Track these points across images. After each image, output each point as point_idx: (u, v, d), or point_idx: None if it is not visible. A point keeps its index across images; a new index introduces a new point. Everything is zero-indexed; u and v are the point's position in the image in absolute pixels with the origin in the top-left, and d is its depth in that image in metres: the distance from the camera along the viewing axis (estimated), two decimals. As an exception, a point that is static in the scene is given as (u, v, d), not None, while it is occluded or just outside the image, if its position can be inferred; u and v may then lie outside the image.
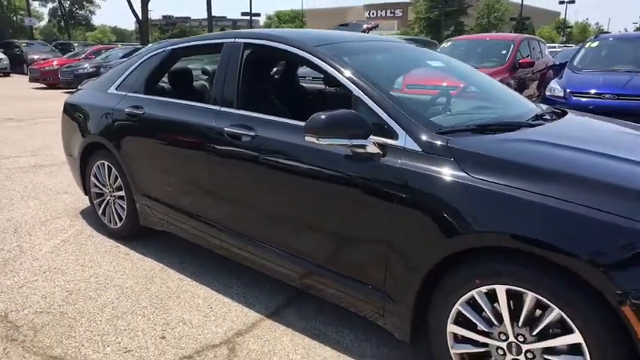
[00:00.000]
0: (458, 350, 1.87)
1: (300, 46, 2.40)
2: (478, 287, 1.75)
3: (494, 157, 1.78)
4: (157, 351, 2.23)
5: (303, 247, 2.32)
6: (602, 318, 1.51)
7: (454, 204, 1.76)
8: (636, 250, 1.45)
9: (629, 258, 1.46)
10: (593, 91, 6.09)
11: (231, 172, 2.53)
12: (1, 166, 5.49)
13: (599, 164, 1.78)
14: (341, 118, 1.93)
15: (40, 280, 2.87)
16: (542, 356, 1.67)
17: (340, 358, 2.20)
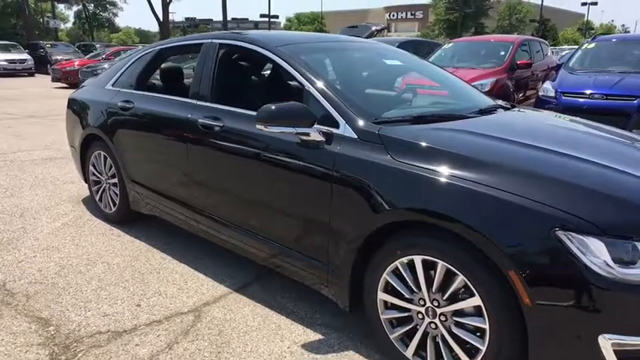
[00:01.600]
0: (387, 316, 2.09)
1: (264, 46, 2.67)
2: (400, 258, 1.98)
3: (415, 143, 2.01)
4: (131, 316, 2.52)
5: (262, 226, 2.57)
6: (497, 283, 1.73)
7: (380, 184, 2.00)
8: (520, 222, 1.67)
9: (515, 229, 1.68)
10: (582, 91, 6.20)
11: (204, 159, 2.81)
12: (16, 158, 5.89)
13: (506, 150, 2.00)
14: (287, 109, 2.18)
15: (38, 257, 3.19)
16: (452, 318, 1.90)
17: (292, 326, 2.45)
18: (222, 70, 2.87)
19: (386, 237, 2.03)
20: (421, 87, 3.32)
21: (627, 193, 1.73)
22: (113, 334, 2.35)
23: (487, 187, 1.76)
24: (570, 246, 1.59)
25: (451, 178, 1.83)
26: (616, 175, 1.86)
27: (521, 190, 1.71)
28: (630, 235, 1.60)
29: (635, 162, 2.05)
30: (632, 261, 1.58)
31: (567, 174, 1.80)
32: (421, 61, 3.44)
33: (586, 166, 1.89)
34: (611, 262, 1.56)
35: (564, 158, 1.94)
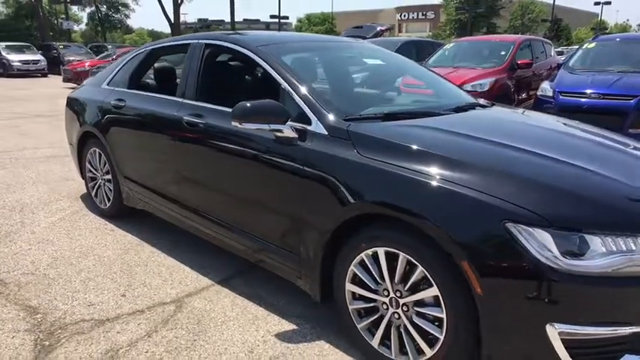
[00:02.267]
0: (354, 306, 2.17)
1: (245, 46, 2.75)
2: (365, 250, 2.05)
3: (380, 139, 2.08)
4: (115, 305, 2.62)
5: (242, 220, 2.66)
6: (452, 274, 1.79)
7: (347, 178, 2.07)
8: (473, 214, 1.73)
9: (468, 222, 1.74)
10: (580, 90, 6.20)
11: (188, 156, 2.90)
12: (21, 156, 6.06)
13: (465, 145, 2.06)
14: (261, 107, 2.27)
15: (33, 249, 3.32)
16: (413, 309, 1.96)
17: (269, 317, 2.53)
18: (207, 70, 2.97)
19: (353, 230, 2.10)
20: (418, 87, 3.39)
21: (578, 187, 1.79)
22: (96, 322, 2.45)
23: (443, 180, 1.82)
24: (519, 238, 1.65)
25: (409, 172, 1.90)
26: (571, 169, 1.91)
27: (475, 184, 1.78)
28: (579, 228, 1.65)
29: (594, 158, 2.10)
30: (580, 253, 1.64)
31: (521, 168, 1.86)
32: (404, 61, 3.50)
33: (541, 161, 1.95)
34: (558, 254, 1.62)
35: (521, 154, 2.00)
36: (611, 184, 1.86)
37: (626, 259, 1.64)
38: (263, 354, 2.22)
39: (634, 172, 2.02)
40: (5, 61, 20.53)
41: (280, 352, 2.23)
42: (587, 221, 1.68)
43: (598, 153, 2.21)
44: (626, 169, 2.05)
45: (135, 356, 2.19)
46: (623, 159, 2.18)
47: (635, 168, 2.09)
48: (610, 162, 2.09)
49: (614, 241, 1.66)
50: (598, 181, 1.86)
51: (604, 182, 1.86)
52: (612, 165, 2.04)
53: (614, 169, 1.97)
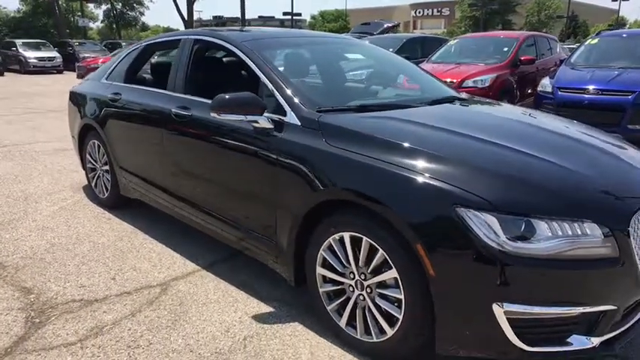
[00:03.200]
0: (324, 289, 2.27)
1: (230, 42, 2.87)
2: (333, 235, 2.15)
3: (346, 129, 2.18)
4: (104, 287, 2.76)
5: (225, 208, 2.78)
6: (409, 257, 1.88)
7: (316, 166, 2.18)
8: (426, 199, 1.83)
9: (422, 206, 1.83)
10: (579, 86, 6.20)
11: (176, 146, 3.03)
12: (30, 149, 6.28)
13: (426, 134, 2.15)
14: (238, 99, 2.38)
15: (33, 235, 3.49)
16: (376, 290, 2.06)
17: (248, 300, 2.65)
18: (195, 64, 3.09)
19: (322, 216, 2.20)
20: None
21: (527, 175, 1.87)
22: (85, 303, 2.60)
23: (400, 167, 1.92)
24: (468, 221, 1.74)
25: (370, 160, 2.00)
26: (523, 158, 1.99)
27: (430, 171, 1.87)
28: (526, 213, 1.74)
29: (551, 148, 2.17)
30: (527, 236, 1.72)
31: (474, 157, 1.95)
32: (387, 56, 3.57)
33: (495, 150, 2.03)
34: (504, 237, 1.70)
35: (478, 143, 2.08)
36: (561, 172, 1.93)
37: (570, 243, 1.73)
38: (238, 333, 2.34)
39: (589, 162, 2.09)
40: (22, 58, 20.99)
41: (255, 332, 2.35)
42: (533, 207, 1.76)
43: (557, 144, 2.27)
44: (581, 158, 2.12)
45: (118, 333, 2.33)
46: (581, 150, 2.24)
47: (592, 158, 2.16)
48: (566, 152, 2.16)
49: (560, 225, 1.74)
50: (548, 169, 1.94)
51: (554, 170, 1.93)
52: (567, 155, 2.11)
53: (568, 158, 2.05)
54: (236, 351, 2.21)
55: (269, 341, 2.28)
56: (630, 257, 1.79)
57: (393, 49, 9.52)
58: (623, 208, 1.84)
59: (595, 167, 2.04)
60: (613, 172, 2.07)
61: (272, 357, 2.16)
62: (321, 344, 2.25)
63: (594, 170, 2.01)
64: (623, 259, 1.77)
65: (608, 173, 2.04)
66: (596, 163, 2.10)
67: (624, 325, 1.89)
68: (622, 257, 1.77)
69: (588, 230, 1.75)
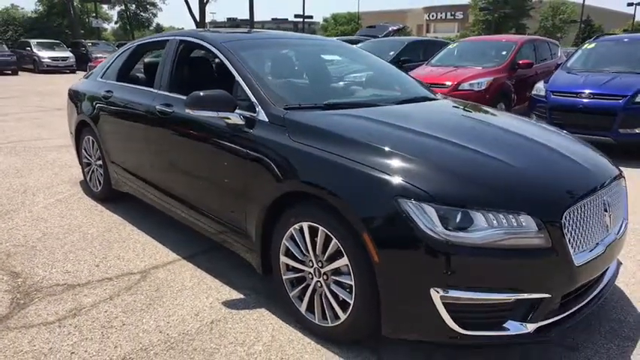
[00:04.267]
0: (287, 276, 2.40)
1: (211, 42, 3.02)
2: (293, 225, 2.28)
3: (307, 125, 2.32)
4: (88, 273, 2.93)
5: (202, 200, 2.93)
6: (358, 245, 2.00)
7: (280, 160, 2.31)
8: (372, 191, 1.95)
9: (368, 197, 1.96)
10: (571, 90, 6.27)
11: (160, 141, 3.19)
12: (34, 145, 6.51)
13: (380, 131, 2.27)
14: (211, 96, 2.52)
15: (27, 225, 3.67)
16: (331, 277, 2.19)
17: (222, 287, 2.79)
18: (180, 64, 3.25)
19: (285, 207, 2.34)
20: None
21: (468, 169, 1.99)
22: (68, 287, 2.76)
23: (350, 161, 2.05)
24: (408, 211, 1.86)
25: (326, 153, 2.13)
26: (467, 153, 2.11)
27: (377, 164, 2.00)
28: (463, 204, 1.85)
29: (497, 144, 2.28)
30: (463, 226, 1.84)
31: (421, 151, 2.07)
32: (365, 57, 3.69)
33: (442, 146, 2.15)
34: (440, 226, 1.82)
35: (428, 139, 2.21)
36: (501, 166, 2.05)
37: (505, 234, 1.84)
38: (207, 317, 2.48)
39: (531, 158, 2.20)
40: (36, 58, 21.47)
41: (222, 316, 2.49)
42: (471, 199, 1.87)
43: (505, 141, 2.38)
44: (524, 155, 2.23)
45: (95, 315, 2.49)
46: (528, 147, 2.34)
47: (536, 155, 2.26)
48: (512, 149, 2.26)
49: (495, 217, 1.85)
50: (488, 164, 2.05)
51: (494, 165, 2.05)
52: (512, 151, 2.22)
53: (512, 154, 2.16)
54: (202, 332, 2.35)
55: (234, 325, 2.41)
56: (563, 248, 1.89)
57: (394, 52, 9.67)
58: (558, 201, 1.94)
59: (536, 163, 2.15)
60: (554, 167, 2.17)
61: (235, 338, 2.30)
62: (283, 328, 2.39)
63: (535, 166, 2.12)
64: (557, 250, 1.88)
65: (549, 169, 2.14)
66: (539, 159, 2.21)
67: (561, 313, 2.00)
68: (555, 248, 1.87)
69: (523, 222, 1.86)
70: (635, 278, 2.95)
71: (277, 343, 2.27)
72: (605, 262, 2.18)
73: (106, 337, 2.30)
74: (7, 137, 7.02)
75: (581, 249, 1.99)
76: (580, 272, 1.97)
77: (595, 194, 2.09)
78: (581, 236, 1.99)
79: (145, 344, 2.25)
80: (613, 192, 2.26)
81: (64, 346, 2.23)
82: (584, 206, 2.02)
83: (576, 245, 1.96)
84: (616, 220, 2.26)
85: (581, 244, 1.99)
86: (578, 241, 1.97)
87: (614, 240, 2.19)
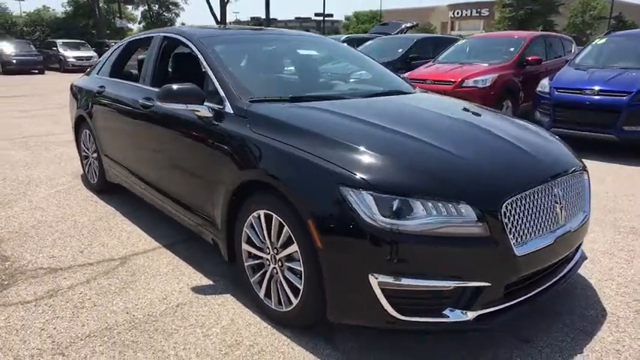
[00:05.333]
0: (248, 263, 2.49)
1: (189, 38, 3.13)
2: (252, 213, 2.36)
3: (267, 117, 2.40)
4: (71, 258, 3.08)
5: (176, 190, 3.04)
6: (305, 232, 2.07)
7: (241, 150, 2.40)
8: (317, 179, 2.02)
9: (313, 185, 2.03)
10: (575, 87, 6.17)
11: (143, 133, 3.32)
12: (46, 140, 6.78)
13: (336, 122, 2.34)
14: (180, 89, 2.62)
15: (24, 214, 3.86)
16: (285, 264, 2.26)
17: (194, 274, 2.90)
18: (162, 59, 3.38)
19: (246, 196, 2.42)
20: (423, 81, 3.55)
21: (411, 158, 2.05)
22: (50, 270, 2.92)
23: (300, 150, 2.12)
24: (349, 199, 1.92)
25: (279, 143, 2.21)
26: (415, 144, 2.15)
27: (325, 154, 2.06)
28: (402, 192, 1.90)
29: (449, 136, 2.32)
30: (402, 214, 1.88)
31: (367, 141, 2.12)
32: (344, 51, 3.74)
33: (390, 136, 2.20)
34: (378, 214, 1.87)
35: (378, 129, 2.26)
36: (445, 156, 2.08)
37: (444, 222, 1.88)
38: (174, 301, 2.59)
39: (479, 149, 2.23)
40: (62, 57, 22.13)
41: (188, 300, 2.59)
42: (410, 187, 1.92)
43: (459, 132, 2.42)
44: (473, 145, 2.26)
45: (70, 296, 2.62)
46: (480, 137, 2.36)
47: (485, 145, 2.29)
48: (463, 140, 2.30)
49: (434, 205, 1.89)
50: (433, 154, 2.09)
51: (437, 155, 2.09)
52: (461, 142, 2.25)
53: (460, 145, 2.19)
54: (166, 314, 2.46)
55: (198, 308, 2.52)
56: (503, 238, 1.92)
57: (402, 50, 9.66)
58: (498, 191, 1.97)
59: (484, 154, 2.18)
60: (501, 158, 2.19)
61: (196, 321, 2.40)
62: (244, 313, 2.48)
63: (482, 156, 2.15)
64: (496, 239, 1.91)
65: (496, 160, 2.16)
66: (489, 150, 2.23)
67: (505, 302, 2.02)
68: (494, 237, 1.90)
69: (463, 211, 1.90)
70: (609, 275, 2.93)
71: (235, 326, 2.36)
72: (556, 255, 2.19)
73: (75, 317, 2.43)
74: (22, 132, 7.32)
75: (525, 239, 2.01)
76: (522, 262, 1.99)
77: (543, 185, 2.10)
78: (526, 227, 2.01)
79: (111, 324, 2.37)
80: (568, 184, 2.27)
81: (36, 323, 2.37)
82: (530, 197, 2.04)
83: (519, 235, 1.98)
84: (571, 213, 2.26)
85: (525, 234, 2.01)
86: (522, 232, 1.99)
87: (566, 232, 2.20)
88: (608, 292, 2.73)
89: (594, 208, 4.14)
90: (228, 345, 2.22)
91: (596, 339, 2.29)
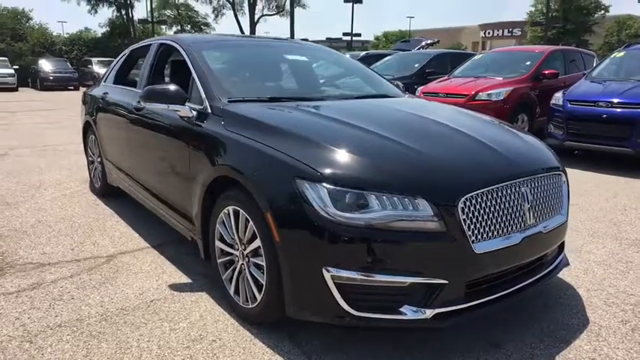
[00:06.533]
0: (220, 260, 2.50)
1: (180, 44, 3.22)
2: (223, 209, 2.39)
3: (239, 115, 2.44)
4: (61, 255, 3.16)
5: (165, 192, 3.10)
6: (267, 227, 2.07)
7: (215, 147, 2.44)
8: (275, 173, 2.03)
9: (272, 179, 2.04)
10: (588, 99, 6.03)
11: (135, 135, 3.41)
12: (64, 149, 7.05)
13: (302, 120, 2.36)
14: (162, 90, 2.70)
15: (28, 214, 4.00)
16: (252, 259, 2.26)
17: (175, 272, 2.93)
18: (158, 64, 3.48)
19: (219, 193, 2.45)
20: (436, 95, 3.52)
21: (370, 153, 2.04)
22: (38, 265, 3.00)
23: (263, 145, 2.14)
24: (305, 192, 1.92)
25: (244, 139, 2.24)
26: (377, 140, 2.15)
27: (284, 148, 2.07)
28: (357, 186, 1.89)
29: (416, 134, 2.31)
30: (354, 207, 1.87)
31: (329, 137, 2.13)
32: (333, 57, 3.78)
33: (353, 132, 2.21)
34: (332, 207, 1.86)
35: (343, 126, 2.26)
36: (405, 152, 2.06)
37: (398, 217, 1.86)
38: (149, 296, 2.62)
39: (442, 146, 2.20)
40: (95, 74, 22.96)
41: (163, 297, 2.62)
42: (365, 181, 1.91)
43: (428, 131, 2.40)
44: (437, 142, 2.24)
45: (51, 289, 2.69)
46: (445, 135, 2.34)
47: (449, 142, 2.27)
48: (427, 137, 2.28)
49: (389, 200, 1.87)
50: (393, 150, 2.08)
51: (399, 150, 2.07)
52: (426, 139, 2.24)
53: (424, 142, 2.17)
54: (139, 309, 2.49)
55: (171, 304, 2.54)
56: (461, 234, 1.88)
57: (418, 65, 9.65)
58: (457, 187, 1.93)
59: (448, 151, 2.14)
60: (465, 155, 2.15)
61: (165, 315, 2.42)
62: (214, 310, 2.48)
63: (444, 153, 2.11)
64: (453, 236, 1.87)
65: (459, 156, 2.12)
66: (453, 147, 2.20)
67: (464, 303, 1.96)
68: (451, 233, 1.86)
69: (420, 205, 1.87)
70: (599, 285, 2.81)
71: (203, 322, 2.37)
72: (525, 256, 2.12)
73: (51, 308, 2.48)
74: (44, 141, 7.62)
75: (487, 237, 1.96)
76: (484, 261, 1.94)
77: (509, 183, 2.05)
78: (487, 224, 1.96)
79: (83, 315, 2.42)
80: (540, 185, 2.20)
81: (13, 312, 2.44)
82: (492, 194, 1.99)
83: (479, 233, 1.93)
84: (542, 214, 2.19)
85: (487, 232, 1.96)
86: (483, 229, 1.95)
87: (537, 233, 2.13)
88: (595, 301, 2.61)
89: (599, 220, 4.01)
90: (191, 339, 2.22)
91: (572, 347, 2.19)
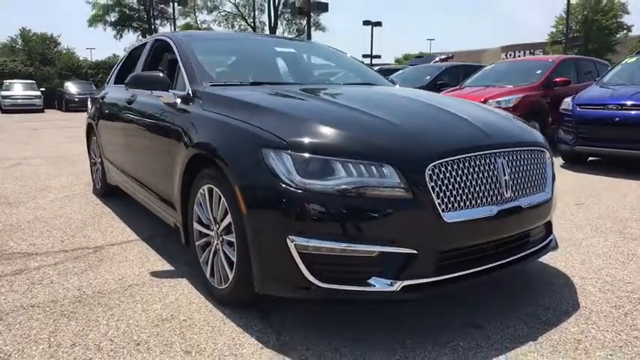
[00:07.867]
0: (198, 242, 2.47)
1: (171, 38, 3.27)
2: (199, 190, 2.36)
3: (216, 95, 2.45)
4: (50, 246, 3.18)
5: (152, 181, 3.10)
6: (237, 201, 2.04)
7: (192, 128, 2.44)
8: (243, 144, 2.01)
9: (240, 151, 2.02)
10: (597, 102, 5.89)
11: (127, 128, 3.45)
12: (77, 159, 7.16)
13: (278, 100, 2.34)
14: (147, 76, 2.74)
15: (27, 212, 4.06)
16: (225, 238, 2.22)
17: (159, 261, 2.91)
18: (152, 59, 3.54)
19: (195, 174, 2.43)
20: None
21: (337, 122, 2.01)
22: (26, 254, 3.02)
23: (233, 119, 2.14)
24: (269, 160, 1.89)
25: (217, 115, 2.24)
26: (347, 112, 2.12)
27: (254, 120, 2.05)
28: (322, 153, 1.85)
29: (387, 107, 2.30)
30: (318, 174, 1.82)
31: (298, 110, 2.13)
32: (324, 52, 3.78)
33: (323, 106, 2.21)
34: (296, 174, 1.82)
35: (319, 102, 2.31)
36: (375, 122, 2.02)
37: (363, 183, 1.80)
38: (128, 282, 2.60)
39: (411, 117, 2.19)
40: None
41: (142, 282, 2.59)
42: (330, 148, 1.87)
43: (404, 107, 2.38)
44: (406, 114, 2.23)
45: (33, 275, 2.69)
46: (424, 110, 2.32)
47: (417, 114, 2.26)
48: (405, 112, 2.27)
49: (355, 167, 1.82)
50: (363, 120, 2.04)
51: (365, 120, 2.03)
52: (404, 113, 2.21)
53: (400, 115, 2.15)
54: (115, 292, 2.46)
55: (148, 289, 2.50)
56: (429, 202, 1.81)
57: (430, 77, 9.63)
58: (424, 154, 1.87)
59: (419, 121, 2.10)
60: (436, 126, 2.10)
61: (141, 298, 2.39)
62: (191, 294, 2.44)
63: (415, 123, 2.07)
64: (421, 203, 1.80)
65: (429, 127, 2.08)
66: (425, 119, 2.15)
67: (434, 276, 1.88)
68: (418, 201, 1.80)
69: (386, 172, 1.81)
70: (597, 274, 2.67)
71: (177, 304, 2.33)
72: (501, 231, 2.03)
73: (29, 291, 2.48)
74: (59, 152, 7.81)
75: (458, 207, 1.88)
76: (455, 232, 1.86)
77: (482, 153, 1.98)
78: (459, 193, 1.89)
79: (59, 297, 2.40)
80: (519, 158, 2.12)
81: (-9, 295, 2.44)
82: (464, 163, 1.92)
83: (449, 202, 1.86)
84: (522, 189, 2.10)
85: (458, 201, 1.88)
86: (453, 198, 1.87)
87: (515, 207, 2.04)
88: (590, 288, 2.48)
89: (604, 217, 3.85)
90: (162, 319, 2.18)
91: (557, 329, 2.07)
